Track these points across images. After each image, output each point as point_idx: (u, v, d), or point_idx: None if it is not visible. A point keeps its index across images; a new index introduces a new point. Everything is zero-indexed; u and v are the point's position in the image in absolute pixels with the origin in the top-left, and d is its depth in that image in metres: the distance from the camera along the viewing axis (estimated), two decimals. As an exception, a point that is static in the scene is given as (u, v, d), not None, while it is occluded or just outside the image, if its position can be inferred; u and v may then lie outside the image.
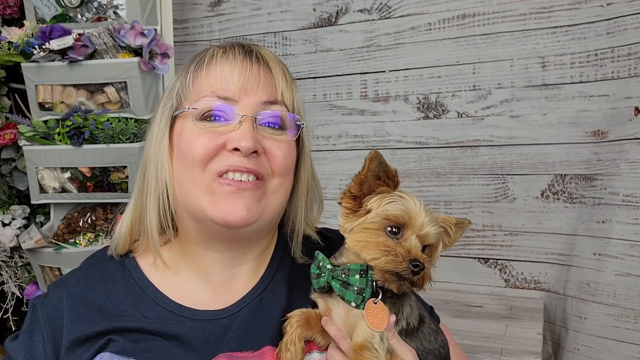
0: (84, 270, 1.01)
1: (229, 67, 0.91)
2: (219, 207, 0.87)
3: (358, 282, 0.83)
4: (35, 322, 0.94)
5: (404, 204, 0.83)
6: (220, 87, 0.90)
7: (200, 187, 0.89)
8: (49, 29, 1.80)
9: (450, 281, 2.30)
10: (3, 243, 1.98)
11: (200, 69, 0.93)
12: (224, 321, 0.92)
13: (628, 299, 1.90)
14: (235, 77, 0.90)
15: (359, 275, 0.84)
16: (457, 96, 2.22)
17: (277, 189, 0.93)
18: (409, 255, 0.80)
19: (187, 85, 0.93)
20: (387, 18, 2.27)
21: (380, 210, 0.83)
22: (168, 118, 0.94)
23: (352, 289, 0.84)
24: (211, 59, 0.92)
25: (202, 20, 2.56)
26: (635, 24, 1.89)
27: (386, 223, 0.83)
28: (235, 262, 0.97)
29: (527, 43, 2.08)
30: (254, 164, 0.88)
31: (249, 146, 0.86)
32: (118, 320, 0.91)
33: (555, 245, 2.13)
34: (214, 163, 0.88)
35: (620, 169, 1.92)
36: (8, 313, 2.07)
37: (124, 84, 1.82)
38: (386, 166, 0.87)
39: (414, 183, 2.29)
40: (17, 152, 1.94)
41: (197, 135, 0.89)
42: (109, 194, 1.92)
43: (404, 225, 0.83)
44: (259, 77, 0.91)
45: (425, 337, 0.91)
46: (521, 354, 1.76)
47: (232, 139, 0.87)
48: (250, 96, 0.90)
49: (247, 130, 0.87)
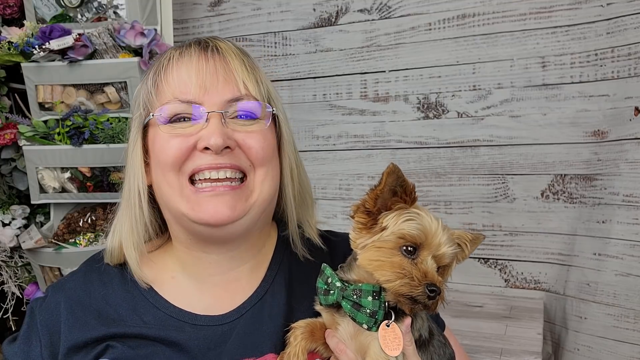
0: (82, 273, 0.99)
1: (186, 67, 0.89)
2: (198, 210, 0.86)
3: (371, 304, 0.80)
4: (32, 326, 0.93)
5: (421, 222, 0.80)
6: (180, 90, 0.88)
7: (176, 191, 0.88)
8: (49, 29, 1.80)
9: (450, 281, 2.29)
10: (3, 243, 1.98)
11: (159, 74, 0.91)
12: (225, 327, 0.91)
13: (628, 299, 1.90)
14: (193, 77, 0.88)
15: (372, 297, 0.80)
16: (457, 96, 2.22)
17: (263, 179, 0.91)
18: (425, 279, 0.77)
19: (150, 93, 0.92)
20: (387, 18, 2.27)
21: (397, 228, 0.80)
22: (139, 127, 0.93)
23: (364, 310, 0.80)
24: (168, 63, 0.91)
25: (202, 20, 2.56)
26: (635, 24, 1.89)
27: (402, 242, 0.79)
28: (234, 264, 0.96)
29: (527, 43, 2.08)
30: (228, 159, 0.87)
31: (218, 143, 0.85)
32: (117, 325, 0.89)
33: (555, 245, 2.13)
34: (187, 165, 0.87)
35: (620, 169, 1.92)
36: (8, 313, 2.07)
37: (124, 84, 1.82)
38: (404, 181, 0.83)
39: (414, 183, 2.29)
40: (17, 152, 1.94)
41: (168, 139, 0.88)
42: (109, 194, 1.92)
43: (420, 245, 0.80)
44: (216, 72, 0.89)
45: (436, 350, 0.89)
46: (521, 354, 1.76)
47: (202, 138, 0.86)
48: (213, 95, 0.88)
49: (216, 127, 0.86)
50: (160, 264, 0.98)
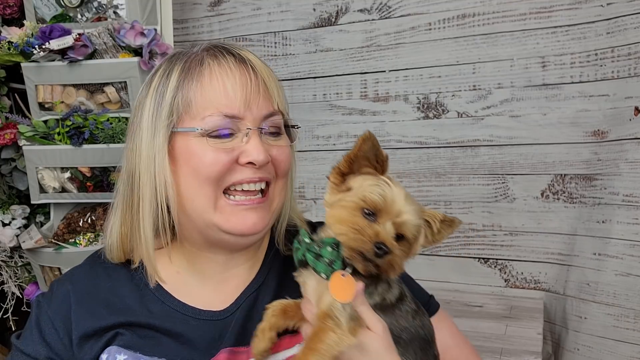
0: (87, 266, 1.02)
1: (230, 82, 0.90)
2: (234, 222, 0.90)
3: (329, 254, 0.84)
4: (42, 317, 0.95)
5: (384, 189, 0.83)
6: (225, 104, 0.89)
7: (211, 203, 0.90)
8: (49, 29, 1.80)
9: (450, 281, 2.30)
10: (3, 243, 1.98)
11: (194, 79, 0.90)
12: (226, 321, 0.95)
13: (628, 299, 1.90)
14: (238, 93, 0.90)
15: (331, 248, 0.85)
16: (457, 96, 2.22)
17: (281, 190, 0.97)
18: (376, 237, 0.80)
19: (184, 99, 0.90)
20: (387, 18, 2.27)
21: (360, 191, 0.84)
22: (166, 134, 0.90)
23: (323, 260, 0.85)
24: (207, 71, 0.90)
25: (202, 20, 2.56)
26: (635, 23, 1.89)
27: (362, 205, 0.83)
28: (235, 263, 1.00)
29: (527, 43, 2.08)
30: (264, 172, 0.92)
31: (262, 159, 0.89)
32: (125, 314, 0.93)
33: (555, 245, 2.13)
34: (226, 178, 0.90)
35: (620, 169, 1.92)
36: (8, 313, 2.07)
37: (124, 84, 1.82)
38: (378, 149, 0.87)
39: (414, 183, 2.29)
40: (17, 152, 1.94)
41: (210, 152, 0.88)
42: (109, 194, 1.92)
43: (380, 210, 0.83)
44: (258, 91, 0.92)
45: (402, 315, 0.91)
46: (521, 354, 1.76)
47: (246, 153, 0.89)
48: (253, 110, 0.91)
49: (258, 143, 0.90)
50: (165, 260, 1.00)
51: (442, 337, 0.99)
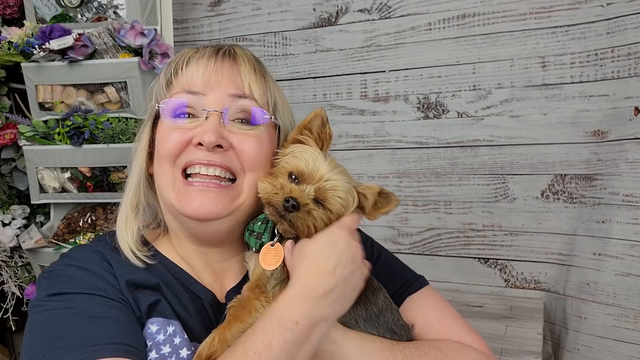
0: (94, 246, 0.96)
1: (195, 64, 0.94)
2: (184, 202, 0.90)
3: (258, 227, 0.90)
4: (70, 272, 0.87)
5: (311, 157, 0.88)
6: (187, 83, 0.93)
7: (169, 181, 0.93)
8: (49, 29, 1.80)
9: (450, 281, 2.30)
10: (3, 243, 1.98)
11: (172, 72, 0.96)
12: None
13: (628, 299, 1.90)
14: (200, 71, 0.93)
15: (261, 223, 0.90)
16: (457, 96, 2.22)
17: (251, 184, 0.94)
18: (288, 193, 0.85)
19: (161, 87, 0.97)
20: (387, 18, 2.27)
21: (290, 158, 0.90)
22: (150, 117, 0.99)
23: (253, 234, 0.90)
24: (182, 60, 0.96)
25: (202, 20, 2.56)
26: (635, 24, 1.88)
27: (289, 169, 0.89)
28: (226, 256, 1.00)
29: (527, 43, 2.08)
30: (220, 158, 0.91)
31: (211, 140, 0.88)
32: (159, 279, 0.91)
33: (555, 245, 2.13)
34: (181, 157, 0.92)
35: (620, 169, 1.92)
36: (8, 313, 2.07)
37: (124, 84, 1.82)
38: (324, 126, 0.92)
39: (414, 183, 2.29)
40: (17, 152, 1.94)
41: (169, 131, 0.93)
42: (109, 194, 1.92)
43: (303, 175, 0.87)
44: (222, 69, 0.94)
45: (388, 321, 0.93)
46: (521, 354, 1.76)
47: (197, 134, 0.90)
48: (216, 89, 0.92)
49: (212, 125, 0.90)
50: (164, 250, 1.00)
51: (425, 314, 1.01)
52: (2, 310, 2.07)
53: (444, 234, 2.29)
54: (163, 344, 0.84)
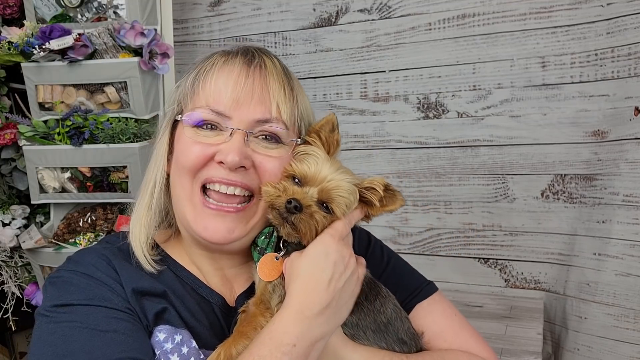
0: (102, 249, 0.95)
1: (225, 78, 0.90)
2: (200, 224, 0.89)
3: (261, 242, 0.90)
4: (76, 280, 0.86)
5: (313, 160, 0.88)
6: (214, 99, 0.89)
7: (187, 195, 0.91)
8: (49, 29, 1.80)
9: (450, 281, 2.30)
10: (3, 243, 1.98)
11: (200, 76, 0.92)
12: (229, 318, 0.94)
13: (628, 299, 1.90)
14: (229, 90, 0.89)
15: (265, 237, 0.90)
16: (457, 96, 2.22)
17: None
18: (291, 195, 0.84)
19: (187, 93, 0.93)
20: (387, 18, 2.27)
21: (296, 161, 0.90)
22: (170, 120, 0.96)
23: (257, 249, 0.90)
24: (211, 68, 0.92)
25: (202, 20, 2.56)
26: (635, 24, 1.88)
27: (292, 172, 0.89)
28: (237, 262, 0.98)
29: (527, 43, 2.08)
30: (241, 177, 0.88)
31: (235, 161, 0.86)
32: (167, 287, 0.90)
33: (555, 245, 2.13)
34: (202, 172, 0.89)
35: (620, 169, 1.92)
36: (8, 313, 2.07)
37: (124, 84, 1.82)
38: (333, 131, 0.93)
39: (414, 183, 2.29)
40: (17, 152, 1.94)
41: (190, 144, 0.90)
42: (109, 194, 1.92)
43: (306, 178, 0.87)
44: (252, 89, 0.89)
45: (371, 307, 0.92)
46: (521, 354, 1.76)
47: (221, 151, 0.87)
48: (243, 111, 0.88)
49: (236, 145, 0.87)
50: (174, 253, 0.99)
51: (434, 322, 1.00)
52: (2, 310, 2.07)
53: (444, 234, 2.29)
54: (171, 352, 0.84)
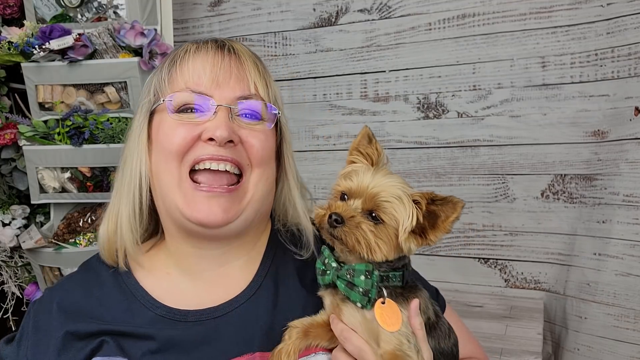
0: (79, 275, 1.01)
1: (201, 61, 0.92)
2: (194, 208, 0.88)
3: (363, 283, 0.83)
4: (25, 328, 0.94)
5: (356, 173, 0.87)
6: (193, 81, 0.91)
7: (175, 181, 0.90)
8: (49, 29, 1.80)
9: (450, 281, 2.30)
10: (3, 243, 1.98)
11: (175, 65, 0.94)
12: (218, 321, 0.91)
13: (628, 299, 1.90)
14: (207, 70, 0.91)
15: (364, 277, 0.83)
16: (457, 96, 2.22)
17: (258, 180, 0.93)
18: (334, 210, 0.83)
19: (163, 81, 0.94)
20: (387, 18, 2.27)
21: (340, 179, 0.89)
22: (146, 113, 0.95)
23: (357, 289, 0.83)
24: (185, 54, 0.94)
25: (202, 20, 2.56)
26: (635, 24, 1.89)
27: (339, 189, 0.88)
28: (226, 259, 0.97)
29: (527, 43, 2.08)
30: (230, 152, 0.89)
31: (223, 135, 0.86)
32: (110, 324, 0.90)
33: (555, 245, 2.13)
34: (190, 154, 0.89)
35: (620, 169, 1.92)
36: (8, 313, 2.07)
37: (124, 84, 1.82)
38: (370, 142, 0.92)
39: (414, 183, 2.29)
40: (17, 152, 1.94)
41: (175, 127, 0.90)
42: (109, 194, 1.91)
43: (352, 191, 0.86)
44: (229, 69, 0.92)
45: (441, 335, 0.91)
46: (521, 354, 1.76)
47: (208, 129, 0.88)
48: (224, 89, 0.90)
49: (222, 120, 0.88)
50: (154, 261, 0.98)
51: None
52: (2, 310, 2.07)
53: (444, 234, 2.29)
54: None
